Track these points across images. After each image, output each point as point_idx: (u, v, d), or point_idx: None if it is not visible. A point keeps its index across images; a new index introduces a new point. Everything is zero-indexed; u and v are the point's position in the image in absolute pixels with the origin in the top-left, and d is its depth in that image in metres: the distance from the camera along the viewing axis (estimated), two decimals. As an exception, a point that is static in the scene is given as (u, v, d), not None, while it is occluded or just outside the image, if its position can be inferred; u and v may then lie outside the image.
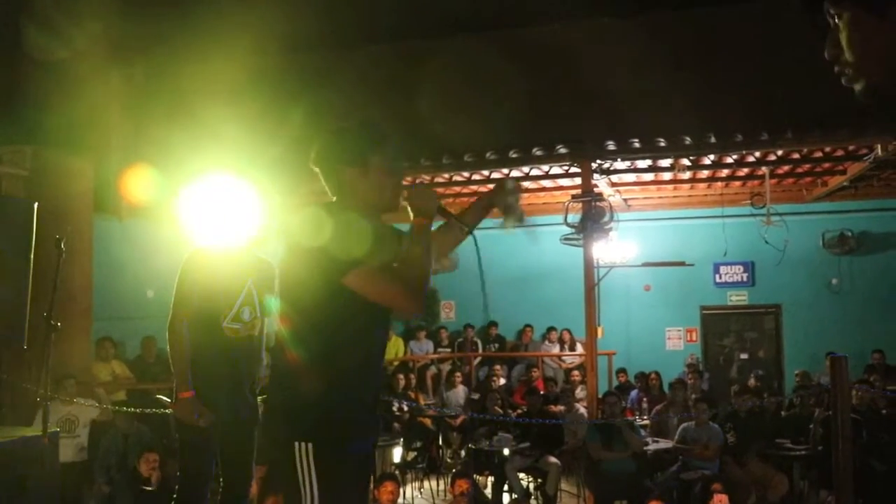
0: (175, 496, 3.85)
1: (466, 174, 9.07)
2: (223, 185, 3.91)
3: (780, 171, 9.65)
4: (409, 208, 2.43)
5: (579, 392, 9.81)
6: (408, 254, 2.37)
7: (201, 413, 3.72)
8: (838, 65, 1.28)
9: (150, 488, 6.27)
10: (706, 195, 11.04)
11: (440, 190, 10.01)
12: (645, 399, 9.73)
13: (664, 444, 7.71)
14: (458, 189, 10.04)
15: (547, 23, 9.16)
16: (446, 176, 9.11)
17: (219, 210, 3.90)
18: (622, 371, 10.87)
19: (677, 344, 12.60)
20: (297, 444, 2.25)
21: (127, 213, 9.76)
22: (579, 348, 11.21)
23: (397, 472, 7.87)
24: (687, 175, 9.97)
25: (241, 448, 3.96)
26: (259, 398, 4.11)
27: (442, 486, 8.42)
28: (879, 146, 8.04)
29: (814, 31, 1.29)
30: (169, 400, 3.91)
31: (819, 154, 8.81)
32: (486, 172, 8.96)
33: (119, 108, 9.79)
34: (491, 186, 9.49)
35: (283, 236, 2.40)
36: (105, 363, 8.63)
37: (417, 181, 8.58)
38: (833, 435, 3.77)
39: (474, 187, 9.81)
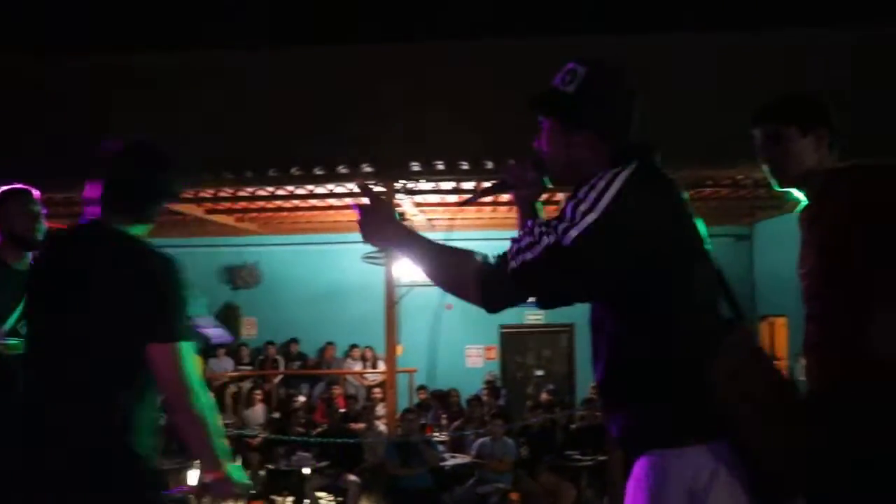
0: None
1: (270, 189, 8.89)
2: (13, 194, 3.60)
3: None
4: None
5: (380, 409, 9.86)
6: None
7: None
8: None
9: None
10: (506, 217, 11.49)
11: (244, 204, 9.78)
12: (444, 416, 9.93)
13: (461, 459, 7.91)
14: (261, 204, 9.85)
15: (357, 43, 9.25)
16: (249, 190, 8.90)
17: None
18: (422, 388, 11.04)
19: (477, 362, 12.97)
20: None
21: None
22: (382, 366, 11.27)
23: (192, 496, 7.54)
24: (489, 198, 10.35)
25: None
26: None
27: (238, 509, 8.15)
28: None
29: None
30: None
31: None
32: (291, 188, 8.83)
33: None
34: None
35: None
36: None
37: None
38: (606, 444, 4.04)
39: (280, 202, 9.65)
